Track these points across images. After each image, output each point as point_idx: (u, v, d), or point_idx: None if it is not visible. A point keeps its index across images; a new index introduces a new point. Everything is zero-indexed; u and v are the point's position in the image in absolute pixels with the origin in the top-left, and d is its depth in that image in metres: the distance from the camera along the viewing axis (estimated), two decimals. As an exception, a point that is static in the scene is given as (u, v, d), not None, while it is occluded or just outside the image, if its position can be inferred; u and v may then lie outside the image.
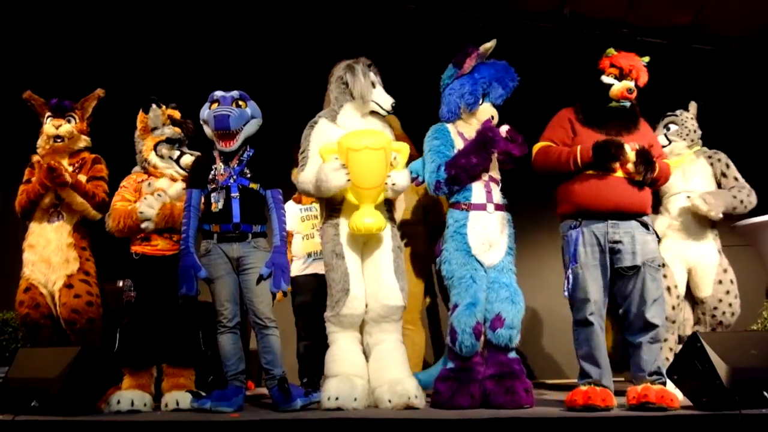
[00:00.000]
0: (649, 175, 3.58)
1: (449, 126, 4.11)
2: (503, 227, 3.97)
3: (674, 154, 4.51)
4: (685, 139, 4.57)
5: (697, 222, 4.39)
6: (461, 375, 3.74)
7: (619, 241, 3.61)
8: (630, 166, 3.58)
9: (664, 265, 4.18)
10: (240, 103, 3.91)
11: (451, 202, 4.01)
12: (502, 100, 4.11)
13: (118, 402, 3.70)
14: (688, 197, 4.31)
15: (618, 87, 3.69)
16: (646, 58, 3.82)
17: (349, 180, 3.71)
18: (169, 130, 4.30)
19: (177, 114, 4.47)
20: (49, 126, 4.31)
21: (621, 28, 6.93)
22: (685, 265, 4.36)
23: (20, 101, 4.43)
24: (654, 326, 3.55)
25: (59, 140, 4.31)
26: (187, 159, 4.23)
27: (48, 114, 4.36)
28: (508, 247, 3.96)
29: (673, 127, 4.60)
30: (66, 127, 4.32)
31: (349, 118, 4.04)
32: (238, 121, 3.82)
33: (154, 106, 4.28)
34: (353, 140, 3.79)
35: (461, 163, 3.88)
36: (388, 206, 4.05)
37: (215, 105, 3.88)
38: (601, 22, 6.91)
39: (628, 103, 3.72)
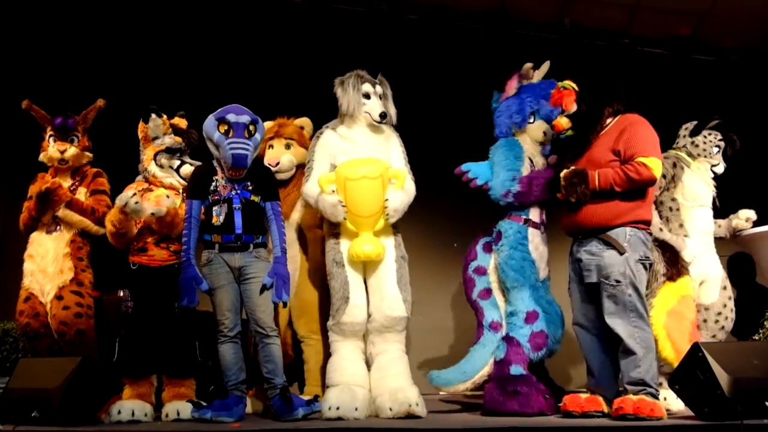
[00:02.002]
0: (578, 195, 3.58)
1: (519, 139, 4.34)
2: (545, 247, 4.25)
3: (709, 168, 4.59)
4: None
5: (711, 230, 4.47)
6: (533, 380, 3.88)
7: (580, 259, 3.69)
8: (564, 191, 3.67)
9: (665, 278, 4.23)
10: (251, 128, 3.83)
11: (509, 213, 4.22)
12: (556, 115, 4.17)
13: (119, 412, 3.69)
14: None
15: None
16: (566, 83, 3.86)
17: (345, 218, 3.84)
18: (169, 140, 4.29)
19: (183, 123, 4.45)
20: (54, 150, 4.32)
21: (622, 38, 6.96)
22: (699, 278, 4.37)
23: (23, 114, 4.44)
24: (620, 339, 3.52)
25: (64, 163, 4.35)
26: (187, 169, 4.21)
27: (50, 134, 4.38)
28: (548, 266, 4.25)
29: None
30: (71, 151, 4.34)
31: (352, 129, 4.07)
32: (252, 156, 3.82)
33: (153, 115, 4.25)
34: (351, 170, 3.87)
35: (534, 192, 4.13)
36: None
37: (224, 127, 3.77)
38: (602, 32, 6.94)
39: (567, 133, 3.84)
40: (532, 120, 4.31)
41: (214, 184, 3.86)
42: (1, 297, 4.99)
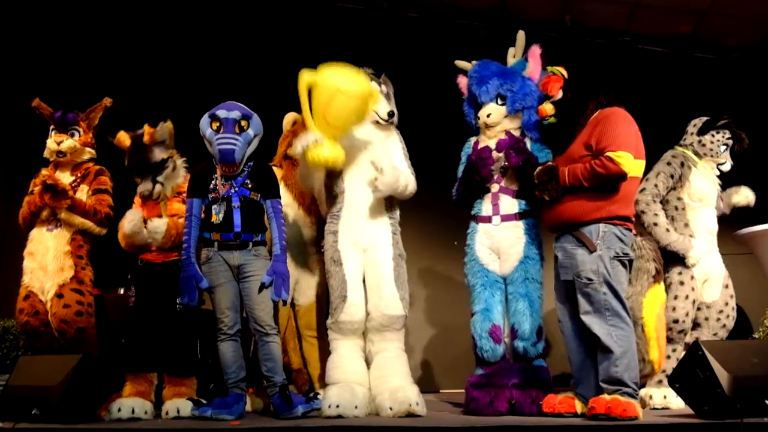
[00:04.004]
0: (549, 192, 3.54)
1: (474, 139, 4.26)
2: (517, 237, 3.97)
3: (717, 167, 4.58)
4: None
5: (715, 229, 4.47)
6: (494, 380, 3.79)
7: (556, 256, 3.65)
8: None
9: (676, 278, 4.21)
10: (242, 124, 3.83)
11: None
12: (491, 96, 4.09)
13: (119, 410, 3.69)
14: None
15: None
16: (556, 68, 3.78)
17: (307, 144, 3.75)
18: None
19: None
20: (51, 141, 4.32)
21: (622, 36, 6.96)
22: (703, 276, 4.38)
23: (26, 110, 4.43)
24: (596, 337, 3.44)
25: (61, 155, 4.33)
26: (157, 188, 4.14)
27: (51, 127, 4.36)
28: (524, 256, 3.94)
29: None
30: (68, 143, 4.31)
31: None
32: (241, 152, 3.78)
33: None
34: (330, 76, 3.78)
35: (457, 188, 4.17)
36: (391, 213, 4.06)
37: (216, 124, 3.79)
38: (603, 30, 6.94)
39: (549, 120, 3.72)
40: (483, 107, 4.13)
41: (213, 182, 3.86)
42: (0, 294, 5.00)
